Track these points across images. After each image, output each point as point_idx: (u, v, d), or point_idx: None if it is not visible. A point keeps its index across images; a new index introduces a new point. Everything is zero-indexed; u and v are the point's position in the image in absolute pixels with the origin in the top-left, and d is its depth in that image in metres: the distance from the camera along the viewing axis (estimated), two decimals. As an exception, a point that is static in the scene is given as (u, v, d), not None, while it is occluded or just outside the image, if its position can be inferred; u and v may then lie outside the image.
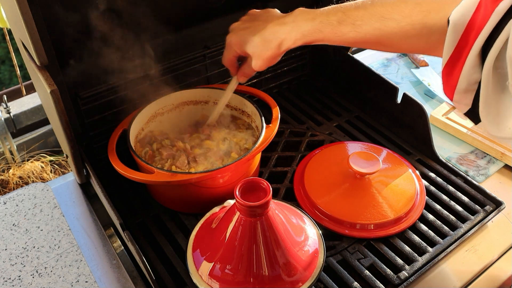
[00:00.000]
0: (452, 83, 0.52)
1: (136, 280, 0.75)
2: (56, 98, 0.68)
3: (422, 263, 0.74)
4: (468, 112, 0.53)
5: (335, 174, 0.85)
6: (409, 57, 1.27)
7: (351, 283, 0.71)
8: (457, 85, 0.51)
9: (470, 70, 0.49)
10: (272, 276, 0.64)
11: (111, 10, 0.81)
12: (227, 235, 0.65)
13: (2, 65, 2.98)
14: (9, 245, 0.79)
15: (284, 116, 1.05)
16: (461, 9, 0.49)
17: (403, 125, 0.97)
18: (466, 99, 0.52)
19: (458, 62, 0.50)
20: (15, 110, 1.92)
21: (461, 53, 0.50)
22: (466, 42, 0.49)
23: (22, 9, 0.61)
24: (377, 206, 0.79)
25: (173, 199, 0.83)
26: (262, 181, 0.64)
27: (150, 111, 0.88)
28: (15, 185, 1.86)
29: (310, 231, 0.71)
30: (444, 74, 0.54)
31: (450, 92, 0.53)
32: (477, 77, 0.49)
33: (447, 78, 0.53)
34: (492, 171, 0.93)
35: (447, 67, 0.53)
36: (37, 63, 0.68)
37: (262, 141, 0.78)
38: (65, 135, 0.73)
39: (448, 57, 0.52)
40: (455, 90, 0.52)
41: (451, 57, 0.52)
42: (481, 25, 0.46)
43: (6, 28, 1.67)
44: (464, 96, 0.52)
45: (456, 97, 0.53)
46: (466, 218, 0.81)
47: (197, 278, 0.66)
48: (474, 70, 0.49)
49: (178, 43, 0.92)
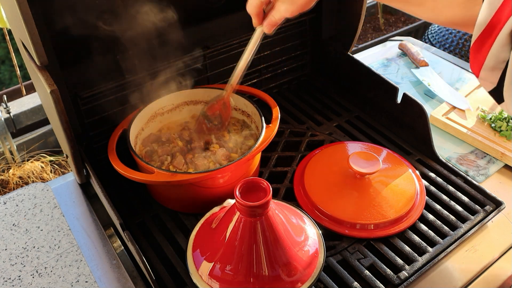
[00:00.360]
0: (480, 59, 0.51)
1: (136, 280, 0.75)
2: (56, 98, 0.68)
3: (422, 263, 0.74)
4: (492, 90, 0.53)
5: (335, 174, 0.85)
6: (409, 57, 1.27)
7: (351, 283, 0.71)
8: (484, 62, 0.51)
9: (499, 49, 0.48)
10: (272, 276, 0.64)
11: (111, 10, 0.81)
12: (227, 235, 0.65)
13: (2, 65, 2.98)
14: (9, 245, 0.79)
15: (284, 116, 1.05)
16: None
17: (403, 125, 0.97)
18: (492, 77, 0.51)
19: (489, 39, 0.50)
20: (15, 110, 1.92)
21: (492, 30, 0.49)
22: (499, 20, 0.48)
23: (22, 9, 0.61)
24: (377, 206, 0.79)
25: (173, 199, 0.83)
26: (262, 181, 0.64)
27: (150, 111, 0.88)
28: (15, 185, 1.86)
29: (310, 231, 0.71)
30: (472, 49, 0.53)
31: (477, 68, 0.52)
32: (505, 56, 0.48)
33: (475, 55, 0.52)
34: (492, 171, 0.93)
35: (477, 43, 0.52)
36: (37, 63, 0.68)
37: (262, 141, 0.78)
38: (65, 135, 0.73)
39: (479, 33, 0.51)
40: (482, 67, 0.51)
41: (482, 33, 0.51)
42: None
43: (6, 28, 1.67)
44: (491, 74, 0.51)
45: (483, 74, 0.52)
46: (466, 218, 0.81)
47: (197, 278, 0.66)
48: (504, 49, 0.48)
49: (178, 43, 0.92)
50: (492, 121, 1.01)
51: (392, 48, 1.33)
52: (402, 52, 1.31)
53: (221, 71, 1.00)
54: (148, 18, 0.86)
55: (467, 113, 1.05)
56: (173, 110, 0.91)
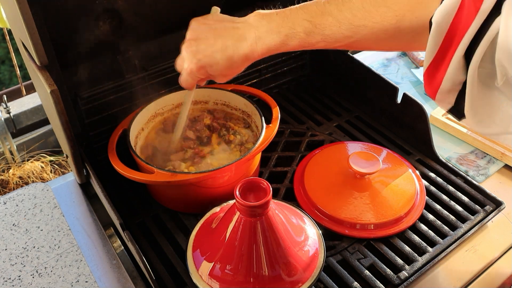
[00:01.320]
0: (435, 84, 0.51)
1: (136, 280, 0.75)
2: (56, 98, 0.68)
3: (422, 263, 0.74)
4: (451, 109, 0.53)
5: (335, 174, 0.85)
6: (409, 57, 1.27)
7: (351, 283, 0.71)
8: (440, 86, 0.51)
9: (455, 72, 0.48)
10: (272, 276, 0.64)
11: (111, 10, 0.81)
12: (227, 235, 0.65)
13: (2, 65, 2.98)
14: (9, 245, 0.79)
15: (284, 116, 1.05)
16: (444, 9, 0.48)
17: (403, 125, 0.97)
18: (448, 98, 0.51)
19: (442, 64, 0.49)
20: (15, 110, 1.92)
21: (444, 55, 0.49)
22: (450, 44, 0.48)
23: (22, 9, 0.61)
24: (377, 206, 0.79)
25: (173, 199, 0.83)
26: (262, 181, 0.64)
27: (150, 111, 0.88)
28: (15, 185, 1.86)
29: (310, 231, 0.71)
30: (426, 75, 0.53)
31: (433, 92, 0.52)
32: (462, 78, 0.48)
33: (430, 80, 0.52)
34: (492, 171, 0.93)
35: (430, 69, 0.52)
36: (37, 63, 0.68)
37: (262, 141, 0.78)
38: (65, 135, 0.73)
39: (431, 59, 0.51)
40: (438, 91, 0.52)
41: (434, 59, 0.50)
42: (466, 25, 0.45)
43: (6, 28, 1.67)
44: (447, 95, 0.51)
45: (439, 97, 0.52)
46: (466, 218, 0.81)
47: (197, 278, 0.66)
48: (459, 72, 0.48)
49: (178, 43, 0.92)
50: (492, 121, 1.01)
51: (392, 48, 1.33)
52: (402, 52, 1.31)
53: (221, 71, 1.00)
54: (148, 18, 0.86)
55: (467, 113, 1.05)
56: (173, 110, 0.91)
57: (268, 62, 1.08)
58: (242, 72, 1.02)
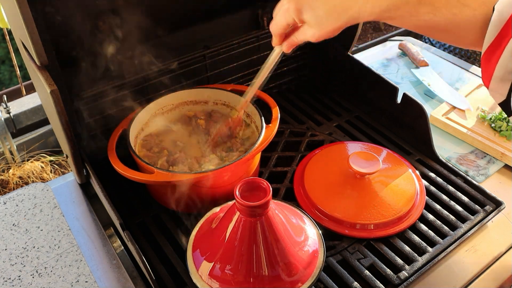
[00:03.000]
0: (489, 70, 0.51)
1: (136, 280, 0.75)
2: (56, 98, 0.68)
3: (422, 263, 0.74)
4: (502, 103, 0.53)
5: (335, 174, 0.85)
6: (409, 57, 1.27)
7: (351, 283, 0.71)
8: (494, 73, 0.51)
9: (508, 59, 0.49)
10: (272, 276, 0.64)
11: (111, 10, 0.81)
12: (227, 235, 0.65)
13: (2, 65, 2.98)
14: (9, 245, 0.79)
15: (284, 116, 1.05)
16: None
17: (403, 125, 0.97)
18: (502, 88, 0.51)
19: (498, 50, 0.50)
20: (15, 110, 1.93)
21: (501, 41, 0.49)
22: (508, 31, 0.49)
23: (22, 9, 0.61)
24: (377, 206, 0.79)
25: (173, 199, 0.83)
26: (262, 181, 0.64)
27: (150, 111, 0.88)
28: (15, 185, 1.86)
29: (310, 231, 0.71)
30: (483, 60, 0.53)
31: (487, 79, 0.53)
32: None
33: (486, 65, 0.52)
34: (492, 171, 0.93)
35: (487, 54, 0.52)
36: (37, 63, 0.68)
37: (262, 141, 0.78)
38: (65, 135, 0.73)
39: (489, 44, 0.51)
40: (491, 78, 0.52)
41: (491, 44, 0.51)
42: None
43: (6, 28, 1.67)
44: (501, 85, 0.51)
45: (492, 85, 0.52)
46: (466, 218, 0.81)
47: (197, 278, 0.66)
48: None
49: (178, 43, 0.92)
50: (492, 121, 1.01)
51: (392, 48, 1.33)
52: (402, 52, 1.31)
53: (221, 71, 1.00)
54: (148, 18, 0.86)
55: (467, 113, 1.05)
56: (173, 110, 0.91)
57: (268, 62, 1.08)
58: (241, 71, 1.03)
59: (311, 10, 0.61)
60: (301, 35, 0.66)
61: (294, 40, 0.68)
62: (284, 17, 0.65)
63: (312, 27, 0.63)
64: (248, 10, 0.99)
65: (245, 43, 1.01)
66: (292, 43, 0.68)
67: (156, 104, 0.88)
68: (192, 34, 0.93)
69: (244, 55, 1.01)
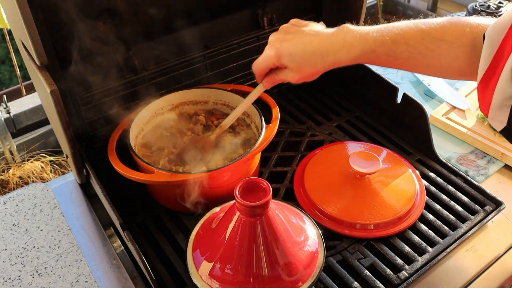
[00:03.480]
0: (487, 99, 0.51)
1: (136, 280, 0.75)
2: (56, 98, 0.68)
3: (422, 263, 0.74)
4: (503, 130, 0.52)
5: (335, 174, 0.85)
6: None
7: (351, 283, 0.71)
8: (491, 101, 0.51)
9: (504, 84, 0.48)
10: (272, 276, 0.64)
11: (111, 10, 0.81)
12: (227, 235, 0.65)
13: (2, 65, 2.98)
14: (9, 245, 0.79)
15: (284, 116, 1.05)
16: (497, 25, 0.49)
17: (403, 125, 0.97)
18: (501, 115, 0.51)
19: (493, 77, 0.50)
20: (15, 110, 1.92)
21: (496, 68, 0.49)
22: (502, 57, 0.49)
23: (22, 9, 0.61)
24: (377, 206, 0.79)
25: (173, 199, 0.83)
26: (262, 181, 0.64)
27: (150, 111, 0.88)
28: (15, 185, 1.86)
29: (310, 231, 0.71)
30: (479, 89, 0.53)
31: (485, 108, 0.53)
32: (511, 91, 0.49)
33: (482, 94, 0.52)
34: (492, 171, 0.93)
35: (482, 82, 0.52)
36: (37, 63, 0.68)
37: (262, 141, 0.78)
38: (65, 135, 0.73)
39: (483, 72, 0.51)
40: (490, 107, 0.52)
41: (486, 72, 0.51)
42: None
43: (6, 28, 1.67)
44: (499, 112, 0.51)
45: (491, 114, 0.52)
46: (466, 218, 0.81)
47: (197, 278, 0.66)
48: (509, 85, 0.48)
49: (178, 43, 0.92)
50: (492, 121, 1.01)
51: (392, 48, 1.33)
52: (402, 52, 1.31)
53: (221, 71, 1.00)
54: (148, 18, 0.86)
55: (467, 113, 1.05)
56: (173, 110, 0.91)
57: (268, 62, 1.08)
58: (241, 71, 1.03)
59: (290, 56, 0.66)
60: (282, 75, 0.71)
61: (276, 78, 0.73)
62: (265, 62, 0.70)
63: (291, 71, 0.68)
64: (248, 10, 0.99)
65: (245, 43, 1.01)
66: (273, 81, 0.73)
67: (156, 104, 0.88)
68: (192, 34, 0.93)
69: (244, 55, 1.01)
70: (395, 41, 0.61)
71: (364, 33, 0.63)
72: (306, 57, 0.65)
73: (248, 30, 1.00)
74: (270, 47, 0.68)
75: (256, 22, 1.01)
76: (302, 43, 0.65)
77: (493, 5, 1.92)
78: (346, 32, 0.64)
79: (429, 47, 0.60)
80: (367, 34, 0.63)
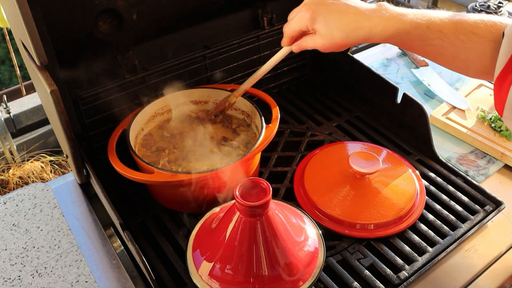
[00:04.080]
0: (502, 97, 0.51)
1: (136, 280, 0.75)
2: (56, 98, 0.68)
3: (422, 263, 0.74)
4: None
5: (335, 174, 0.85)
6: (409, 57, 1.27)
7: (351, 283, 0.71)
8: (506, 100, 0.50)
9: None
10: (272, 276, 0.64)
11: (111, 10, 0.81)
12: (227, 235, 0.65)
13: (2, 65, 2.98)
14: (9, 245, 0.79)
15: (284, 116, 1.05)
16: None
17: (403, 125, 0.97)
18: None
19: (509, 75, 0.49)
20: (15, 110, 1.92)
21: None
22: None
23: (22, 9, 0.61)
24: (377, 206, 0.79)
25: (173, 199, 0.83)
26: (262, 181, 0.64)
27: (150, 111, 0.88)
28: (15, 185, 1.86)
29: (310, 231, 0.71)
30: (495, 87, 0.53)
31: (500, 107, 0.52)
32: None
33: (498, 92, 0.52)
34: (492, 171, 0.93)
35: (499, 80, 0.51)
36: (37, 63, 0.68)
37: (262, 141, 0.78)
38: (65, 135, 0.73)
39: (500, 70, 0.51)
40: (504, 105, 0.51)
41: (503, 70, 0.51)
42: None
43: (6, 28, 1.67)
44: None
45: (506, 113, 0.52)
46: (466, 218, 0.81)
47: (197, 278, 0.66)
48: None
49: (178, 43, 0.92)
50: (492, 121, 1.01)
51: (392, 48, 1.33)
52: (402, 52, 1.31)
53: (221, 71, 1.00)
54: (148, 18, 0.86)
55: (467, 113, 1.05)
56: (173, 110, 0.91)
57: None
58: (241, 72, 1.03)
59: (325, 22, 0.64)
60: (311, 42, 0.68)
61: (304, 44, 0.70)
62: (298, 22, 0.67)
63: (322, 37, 0.65)
64: (248, 10, 0.99)
65: (245, 43, 1.01)
66: (301, 46, 0.71)
67: (156, 104, 0.88)
68: (192, 34, 0.93)
69: (244, 55, 1.01)
70: (430, 27, 0.61)
71: (402, 14, 0.62)
72: (341, 26, 0.64)
73: (248, 30, 1.00)
74: (306, 9, 0.66)
75: (256, 22, 1.01)
76: (339, 11, 0.64)
77: (493, 5, 1.92)
78: (385, 9, 0.63)
79: (460, 38, 0.59)
80: (404, 15, 0.62)
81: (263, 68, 0.79)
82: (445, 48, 0.61)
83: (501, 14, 1.90)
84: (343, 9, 0.64)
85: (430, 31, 0.61)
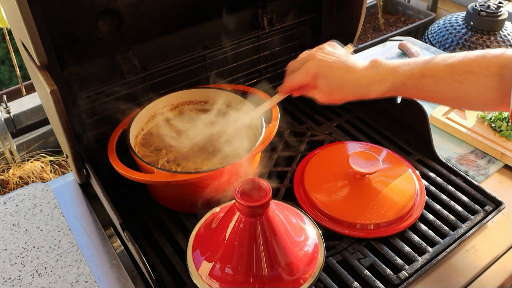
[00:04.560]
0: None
1: (136, 280, 0.75)
2: (56, 98, 0.68)
3: (422, 263, 0.74)
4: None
5: (335, 174, 0.85)
6: (409, 57, 1.27)
7: (351, 283, 0.71)
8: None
9: None
10: (272, 276, 0.64)
11: (111, 10, 0.81)
12: (227, 235, 0.65)
13: (2, 65, 2.98)
14: (9, 245, 0.79)
15: (284, 116, 1.05)
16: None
17: (403, 125, 0.97)
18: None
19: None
20: (15, 110, 1.92)
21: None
22: None
23: (22, 9, 0.61)
24: (377, 206, 0.79)
25: (173, 199, 0.83)
26: (262, 181, 0.64)
27: (150, 111, 0.88)
28: (15, 185, 1.86)
29: (310, 231, 0.71)
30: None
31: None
32: None
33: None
34: (492, 171, 0.93)
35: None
36: (37, 63, 0.68)
37: (262, 141, 0.78)
38: (65, 135, 0.73)
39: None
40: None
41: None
42: None
43: (6, 28, 1.67)
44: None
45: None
46: (466, 218, 0.81)
47: (197, 278, 0.66)
48: None
49: (178, 43, 0.92)
50: (492, 121, 1.01)
51: (392, 48, 1.33)
52: (402, 52, 1.31)
53: (221, 71, 1.00)
54: (148, 18, 0.86)
55: (467, 113, 1.05)
56: (173, 110, 0.91)
57: (268, 62, 1.08)
58: (242, 71, 1.03)
59: (327, 80, 0.69)
60: (310, 93, 0.74)
61: (303, 93, 0.76)
62: (301, 78, 0.72)
63: (323, 93, 0.71)
64: (248, 10, 0.99)
65: (245, 43, 1.01)
66: (300, 93, 0.77)
67: (156, 104, 0.88)
68: (192, 34, 0.93)
69: (244, 55, 1.01)
70: (423, 74, 0.64)
71: (394, 67, 0.66)
72: (341, 85, 0.69)
73: (248, 30, 1.00)
74: (310, 66, 0.71)
75: (256, 22, 1.01)
76: (340, 70, 0.69)
77: (493, 5, 1.92)
78: (378, 66, 0.67)
79: (456, 79, 0.62)
80: (397, 67, 0.66)
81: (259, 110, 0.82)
82: (442, 92, 0.64)
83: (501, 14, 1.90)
84: (344, 69, 0.69)
85: (424, 78, 0.64)
